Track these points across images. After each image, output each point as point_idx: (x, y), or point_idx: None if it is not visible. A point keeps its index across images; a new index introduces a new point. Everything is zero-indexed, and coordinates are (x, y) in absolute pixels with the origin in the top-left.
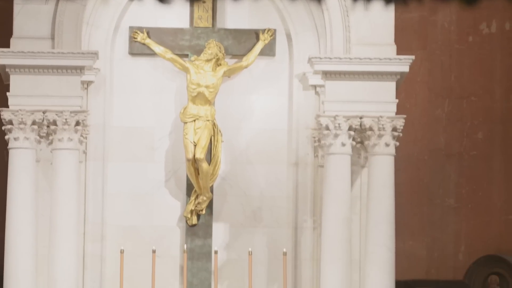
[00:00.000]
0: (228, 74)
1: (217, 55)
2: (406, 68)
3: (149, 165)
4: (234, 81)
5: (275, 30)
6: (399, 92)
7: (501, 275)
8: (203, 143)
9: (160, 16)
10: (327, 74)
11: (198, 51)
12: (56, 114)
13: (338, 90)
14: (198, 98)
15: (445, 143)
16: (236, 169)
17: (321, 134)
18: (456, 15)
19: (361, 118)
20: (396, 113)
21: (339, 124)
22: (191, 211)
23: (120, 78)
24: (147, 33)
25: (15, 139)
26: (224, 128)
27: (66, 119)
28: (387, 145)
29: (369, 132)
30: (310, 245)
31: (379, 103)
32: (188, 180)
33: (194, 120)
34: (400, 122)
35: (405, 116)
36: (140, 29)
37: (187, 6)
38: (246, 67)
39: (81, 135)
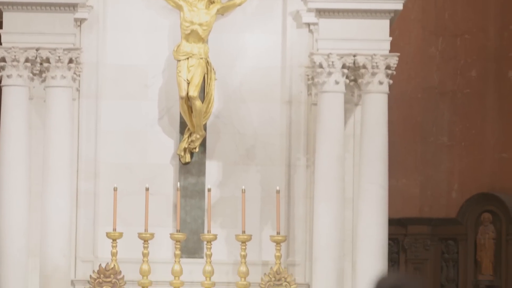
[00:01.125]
0: (222, 11)
1: None
2: (399, 6)
3: (143, 103)
4: (227, 19)
5: None
6: (393, 30)
7: (494, 212)
8: (197, 81)
9: None
10: (320, 12)
11: None
12: (49, 52)
13: (331, 28)
14: (192, 36)
15: (439, 81)
16: (229, 107)
17: (315, 72)
18: None
19: (354, 56)
20: (390, 51)
21: (332, 62)
22: (185, 149)
23: (113, 15)
24: None
25: (8, 76)
26: (218, 66)
27: (59, 57)
28: (380, 83)
29: (362, 70)
30: (303, 183)
31: (373, 41)
32: (181, 118)
33: (188, 58)
34: (393, 60)
35: (398, 54)
36: None
37: None
38: (239, 4)
39: (74, 73)
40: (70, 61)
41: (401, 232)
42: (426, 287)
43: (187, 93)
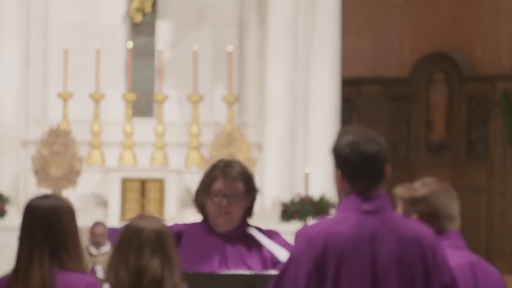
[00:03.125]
0: None
1: None
2: None
3: None
4: None
5: None
6: None
7: (446, 72)
8: None
9: None
10: None
11: None
12: None
13: None
14: None
15: None
16: None
17: None
18: None
19: None
20: None
21: None
22: (136, 9)
23: None
24: None
25: None
26: None
27: None
28: None
29: None
30: (255, 43)
31: None
32: None
33: None
34: None
35: None
36: None
37: None
38: None
39: None
40: None
41: (354, 92)
42: (382, 143)
43: None
